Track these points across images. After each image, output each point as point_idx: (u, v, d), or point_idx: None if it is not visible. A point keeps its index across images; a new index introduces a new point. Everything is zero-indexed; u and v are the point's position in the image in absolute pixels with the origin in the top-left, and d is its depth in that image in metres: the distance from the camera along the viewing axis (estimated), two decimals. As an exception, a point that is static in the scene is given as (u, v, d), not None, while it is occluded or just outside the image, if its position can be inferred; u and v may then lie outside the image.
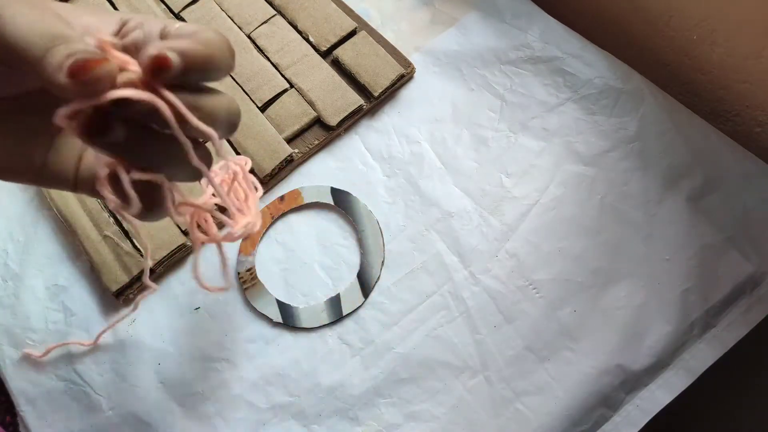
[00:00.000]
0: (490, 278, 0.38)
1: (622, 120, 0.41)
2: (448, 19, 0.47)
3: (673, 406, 0.35)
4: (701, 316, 0.36)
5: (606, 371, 0.35)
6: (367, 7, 0.48)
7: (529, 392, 0.36)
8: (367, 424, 0.36)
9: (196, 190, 0.41)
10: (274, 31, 0.46)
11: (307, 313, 0.39)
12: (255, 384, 0.38)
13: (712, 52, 0.41)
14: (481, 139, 0.42)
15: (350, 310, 0.38)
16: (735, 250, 0.37)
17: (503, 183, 0.41)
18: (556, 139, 0.41)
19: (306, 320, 0.38)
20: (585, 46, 0.43)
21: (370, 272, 0.39)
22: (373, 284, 0.39)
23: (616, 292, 0.37)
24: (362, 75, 0.44)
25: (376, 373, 0.37)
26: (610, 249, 0.38)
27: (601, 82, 0.42)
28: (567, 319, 0.37)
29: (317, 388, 0.37)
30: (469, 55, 0.45)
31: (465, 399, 0.36)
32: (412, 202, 0.41)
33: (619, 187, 0.39)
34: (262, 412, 0.37)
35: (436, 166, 0.42)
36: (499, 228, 0.39)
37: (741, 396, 0.49)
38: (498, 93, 0.43)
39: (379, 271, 0.39)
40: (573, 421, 0.35)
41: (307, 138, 0.43)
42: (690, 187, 0.39)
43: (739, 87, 0.41)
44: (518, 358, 0.36)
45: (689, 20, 0.41)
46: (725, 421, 0.51)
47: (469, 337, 0.37)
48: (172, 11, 0.48)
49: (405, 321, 0.38)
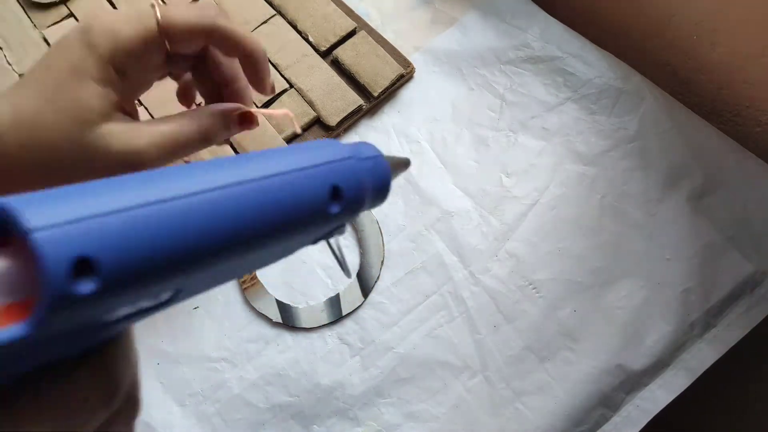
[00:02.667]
0: (490, 278, 0.38)
1: (622, 120, 0.41)
2: (448, 19, 0.47)
3: (673, 406, 0.35)
4: (701, 316, 0.36)
5: (606, 371, 0.35)
6: (366, 7, 0.48)
7: (529, 392, 0.35)
8: (367, 424, 0.36)
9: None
10: (273, 31, 0.46)
11: (307, 313, 0.39)
12: (255, 384, 0.38)
13: (712, 52, 0.41)
14: (481, 139, 0.42)
15: (350, 310, 0.38)
16: (735, 250, 0.37)
17: (503, 183, 0.40)
18: (556, 138, 0.41)
19: (305, 320, 0.38)
20: (585, 45, 0.43)
21: (369, 272, 0.39)
22: (372, 284, 0.39)
23: (616, 292, 0.37)
24: (362, 75, 0.44)
25: (376, 373, 0.37)
26: (610, 249, 0.38)
27: (601, 82, 0.42)
28: (567, 319, 0.37)
29: (317, 388, 0.37)
30: (469, 54, 0.45)
31: (465, 399, 0.36)
32: (412, 202, 0.41)
33: (619, 187, 0.39)
34: (262, 412, 0.37)
35: (436, 166, 0.42)
36: (499, 228, 0.39)
37: (741, 396, 0.49)
38: (498, 92, 0.43)
39: (379, 270, 0.39)
40: (573, 421, 0.35)
41: (306, 138, 0.43)
42: (690, 187, 0.39)
43: (739, 87, 0.41)
44: (518, 358, 0.36)
45: (689, 20, 0.41)
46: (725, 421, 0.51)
47: (468, 337, 0.37)
48: (171, 11, 0.48)
49: (405, 321, 0.38)
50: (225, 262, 0.17)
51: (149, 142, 0.29)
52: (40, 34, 0.48)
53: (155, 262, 0.15)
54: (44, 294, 0.13)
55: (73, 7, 0.49)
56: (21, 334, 0.13)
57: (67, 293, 0.13)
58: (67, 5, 0.49)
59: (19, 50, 0.48)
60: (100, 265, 0.13)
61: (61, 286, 0.13)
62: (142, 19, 0.29)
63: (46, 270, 0.13)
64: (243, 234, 0.17)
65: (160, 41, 0.29)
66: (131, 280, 0.14)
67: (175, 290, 0.16)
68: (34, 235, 0.13)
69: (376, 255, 0.39)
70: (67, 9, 0.49)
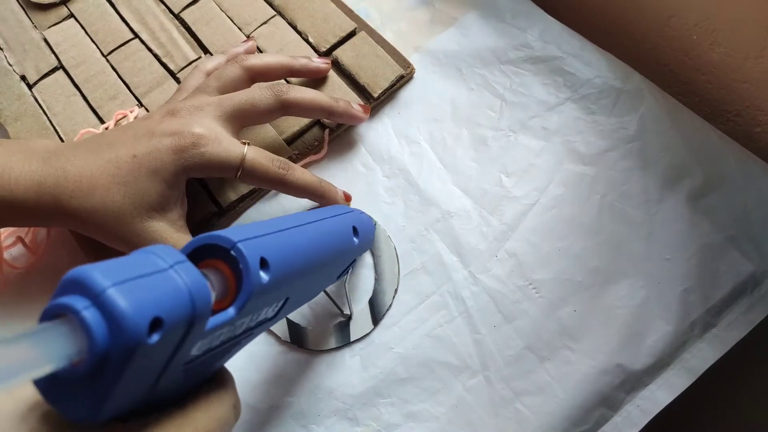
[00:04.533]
0: (490, 278, 0.38)
1: (621, 120, 0.41)
2: (447, 19, 0.47)
3: (673, 406, 0.35)
4: (702, 316, 0.36)
5: (606, 371, 0.35)
6: (366, 7, 0.48)
7: (529, 392, 0.35)
8: (366, 424, 0.36)
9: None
10: (273, 32, 0.46)
11: (315, 334, 0.38)
12: (255, 384, 0.38)
13: (712, 52, 0.41)
14: (481, 139, 0.42)
15: (358, 336, 0.38)
16: (735, 250, 0.37)
17: (503, 183, 0.40)
18: (555, 138, 0.41)
19: (313, 342, 0.38)
20: (585, 45, 0.43)
21: (382, 299, 0.38)
22: (384, 312, 0.38)
23: (616, 292, 0.37)
24: (362, 76, 0.44)
25: (376, 373, 0.37)
26: (610, 249, 0.38)
27: (601, 82, 0.42)
28: (567, 319, 0.37)
29: (316, 388, 0.37)
30: (469, 54, 0.45)
31: (464, 399, 0.36)
32: (411, 203, 0.41)
33: (619, 187, 0.39)
34: (262, 413, 0.37)
35: (435, 166, 0.42)
36: (498, 228, 0.39)
37: (741, 396, 0.49)
38: (498, 93, 0.43)
39: (392, 299, 0.38)
40: (573, 421, 0.35)
41: (306, 139, 0.43)
42: (690, 187, 0.38)
43: (739, 87, 0.41)
44: (518, 358, 0.36)
45: (689, 20, 0.41)
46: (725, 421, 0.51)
47: (468, 337, 0.37)
48: (171, 12, 0.48)
49: (404, 321, 0.38)
50: (316, 271, 0.27)
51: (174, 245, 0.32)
52: (40, 35, 0.48)
53: (295, 259, 0.24)
54: (246, 282, 0.21)
55: (73, 8, 0.49)
56: (231, 315, 0.20)
57: (258, 281, 0.21)
58: (68, 6, 0.49)
59: (19, 51, 0.48)
60: (270, 263, 0.22)
61: (256, 277, 0.21)
62: (230, 158, 0.34)
63: (247, 265, 0.21)
64: (326, 244, 0.28)
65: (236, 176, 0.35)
66: (285, 272, 0.23)
67: (286, 298, 0.25)
68: (239, 245, 0.21)
69: (390, 282, 0.39)
70: (68, 10, 0.49)
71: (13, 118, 0.45)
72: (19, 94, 0.46)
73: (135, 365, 0.16)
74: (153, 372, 0.18)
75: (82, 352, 0.16)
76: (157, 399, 0.20)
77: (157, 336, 0.16)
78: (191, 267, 0.19)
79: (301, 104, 0.38)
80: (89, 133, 0.43)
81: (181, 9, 0.48)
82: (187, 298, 0.18)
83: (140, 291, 0.16)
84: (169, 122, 0.35)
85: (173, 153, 0.33)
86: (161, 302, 0.17)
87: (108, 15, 0.49)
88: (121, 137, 0.35)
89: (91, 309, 0.16)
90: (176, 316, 0.17)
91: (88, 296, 0.16)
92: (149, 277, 0.17)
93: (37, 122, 0.45)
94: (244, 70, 0.38)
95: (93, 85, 0.46)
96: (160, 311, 0.17)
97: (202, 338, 0.20)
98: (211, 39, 0.47)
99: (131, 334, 0.16)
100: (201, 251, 0.21)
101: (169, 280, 0.18)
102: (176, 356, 0.19)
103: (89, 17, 0.49)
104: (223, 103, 0.36)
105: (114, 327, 0.16)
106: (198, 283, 0.18)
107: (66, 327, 0.16)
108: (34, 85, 0.46)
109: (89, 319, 0.15)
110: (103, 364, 0.16)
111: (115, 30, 0.48)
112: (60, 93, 0.46)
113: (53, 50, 0.47)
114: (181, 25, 0.48)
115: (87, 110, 0.45)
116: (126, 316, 0.16)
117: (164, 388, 0.20)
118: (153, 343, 0.16)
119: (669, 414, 0.35)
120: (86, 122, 0.45)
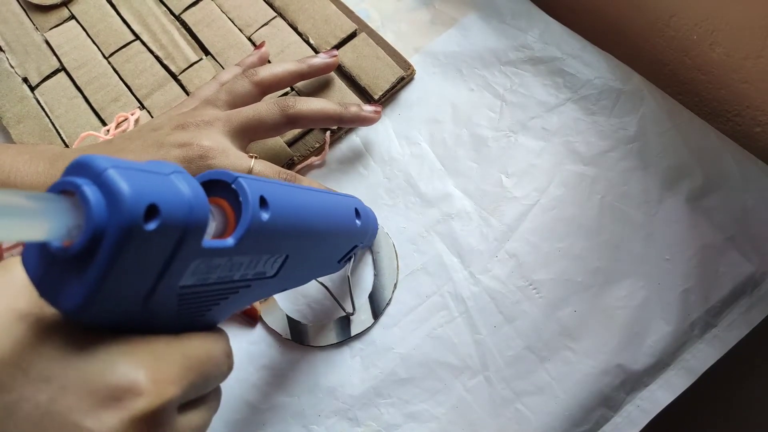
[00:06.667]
0: (490, 278, 0.38)
1: (621, 120, 0.41)
2: (447, 20, 0.47)
3: (673, 406, 0.35)
4: (701, 316, 0.36)
5: (606, 371, 0.35)
6: (366, 8, 0.48)
7: (529, 392, 0.36)
8: (367, 425, 0.36)
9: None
10: (274, 33, 0.47)
11: (316, 331, 0.38)
12: (255, 384, 0.38)
13: (712, 52, 0.41)
14: (481, 140, 0.42)
15: (359, 331, 0.38)
16: (735, 250, 0.37)
17: (503, 183, 0.41)
18: (555, 139, 0.41)
19: (314, 338, 0.38)
20: (585, 46, 0.43)
21: (382, 294, 0.39)
22: (383, 307, 0.38)
23: (616, 292, 0.37)
24: (362, 77, 0.44)
25: (376, 373, 0.37)
26: (610, 249, 0.38)
27: (601, 83, 0.42)
28: (567, 319, 0.37)
29: (316, 388, 0.37)
30: (469, 55, 0.45)
31: (465, 399, 0.36)
32: (412, 204, 0.41)
33: (619, 187, 0.39)
34: (262, 412, 0.37)
35: (436, 168, 0.42)
36: (498, 228, 0.39)
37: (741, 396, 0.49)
38: (498, 93, 0.43)
39: (391, 294, 0.39)
40: (573, 421, 0.35)
41: (308, 141, 0.43)
42: (690, 187, 0.39)
43: (739, 87, 0.41)
44: (518, 358, 0.36)
45: (689, 20, 0.41)
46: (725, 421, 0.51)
47: (468, 337, 0.37)
48: (172, 13, 0.48)
49: (405, 321, 0.38)
50: (317, 238, 0.27)
51: None
52: (42, 37, 0.49)
53: (296, 212, 0.25)
54: (245, 215, 0.21)
55: (74, 10, 0.49)
56: (229, 244, 0.20)
57: (257, 217, 0.21)
58: (69, 7, 0.50)
59: (21, 53, 0.48)
60: (270, 203, 0.22)
61: (255, 210, 0.21)
62: (237, 171, 0.34)
63: (247, 197, 0.21)
64: (327, 212, 0.29)
65: None
66: (284, 215, 0.23)
67: (286, 255, 0.25)
68: (240, 179, 0.21)
69: (389, 278, 0.39)
70: (69, 11, 0.50)
71: (15, 120, 0.45)
72: (21, 97, 0.46)
73: (129, 255, 0.16)
74: (146, 277, 0.18)
75: (79, 226, 0.16)
76: (150, 327, 0.20)
77: (153, 224, 0.17)
78: (191, 178, 0.19)
79: (309, 116, 0.38)
80: (90, 136, 0.43)
81: (182, 10, 0.48)
82: (185, 200, 0.18)
83: (141, 179, 0.17)
84: (178, 134, 0.35)
85: (181, 164, 0.34)
86: (160, 193, 0.17)
87: (109, 16, 0.49)
88: (129, 145, 0.35)
89: (91, 185, 0.16)
90: (173, 212, 0.17)
91: (89, 176, 0.16)
92: (151, 174, 0.17)
93: (39, 124, 0.45)
94: (254, 85, 0.39)
95: (95, 87, 0.46)
96: (158, 200, 0.17)
97: (199, 258, 0.19)
98: (212, 40, 0.47)
99: (128, 214, 0.16)
100: (205, 189, 0.21)
101: (169, 181, 0.18)
102: (171, 267, 0.18)
103: (90, 19, 0.49)
104: (231, 119, 0.37)
105: (112, 204, 0.16)
106: (197, 189, 0.19)
107: (66, 201, 0.16)
108: (36, 87, 0.47)
109: (88, 193, 0.16)
110: (97, 245, 0.16)
111: (117, 31, 0.48)
112: (62, 95, 0.46)
113: (55, 52, 0.48)
114: (182, 26, 0.48)
115: (89, 113, 0.45)
116: (124, 194, 0.16)
117: (156, 313, 0.20)
118: (149, 230, 0.16)
119: (669, 414, 0.35)
120: (89, 125, 0.45)
